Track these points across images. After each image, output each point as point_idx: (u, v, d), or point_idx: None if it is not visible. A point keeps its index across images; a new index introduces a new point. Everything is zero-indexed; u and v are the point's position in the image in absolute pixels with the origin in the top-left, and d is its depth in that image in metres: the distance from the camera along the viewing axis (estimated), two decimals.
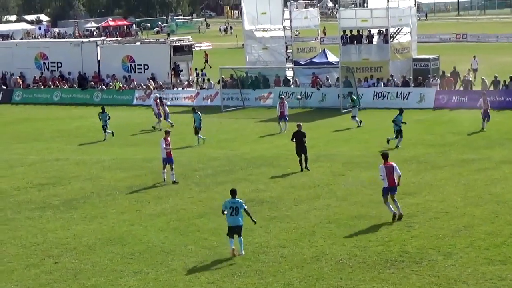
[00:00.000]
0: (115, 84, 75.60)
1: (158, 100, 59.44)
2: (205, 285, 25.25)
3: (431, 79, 64.90)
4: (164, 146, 39.76)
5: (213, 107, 67.22)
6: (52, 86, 78.74)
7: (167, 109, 59.84)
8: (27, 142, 54.06)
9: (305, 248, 28.49)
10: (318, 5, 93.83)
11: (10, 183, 41.41)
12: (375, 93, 64.34)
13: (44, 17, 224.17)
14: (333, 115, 60.66)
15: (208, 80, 73.39)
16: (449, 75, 65.74)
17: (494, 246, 27.58)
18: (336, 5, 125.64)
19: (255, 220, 28.52)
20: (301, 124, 40.84)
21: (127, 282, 25.79)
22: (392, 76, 65.59)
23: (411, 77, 66.42)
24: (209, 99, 69.87)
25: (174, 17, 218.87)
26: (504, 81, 62.07)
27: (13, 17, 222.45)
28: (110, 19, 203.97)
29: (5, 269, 27.57)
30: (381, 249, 27.81)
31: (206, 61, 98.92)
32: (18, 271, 27.25)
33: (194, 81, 77.24)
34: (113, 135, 53.50)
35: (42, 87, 79.24)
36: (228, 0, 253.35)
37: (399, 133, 46.73)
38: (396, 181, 30.91)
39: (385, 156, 31.32)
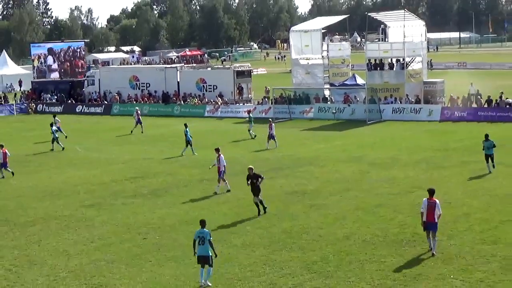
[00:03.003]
0: (191, 100, 75.97)
1: (138, 111, 62.53)
2: (259, 257, 25.25)
3: (438, 98, 64.51)
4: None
5: (266, 119, 67.03)
6: (142, 102, 79.32)
7: (141, 119, 61.58)
8: (122, 145, 54.44)
9: (338, 229, 28.41)
10: (349, 39, 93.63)
11: (109, 177, 41.73)
12: (394, 109, 64.00)
13: (136, 48, 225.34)
14: (361, 125, 60.38)
15: (264, 97, 73.39)
16: (452, 95, 65.23)
17: (487, 230, 27.36)
18: (363, 39, 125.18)
19: (216, 254, 23.19)
20: (252, 167, 32.41)
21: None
22: (407, 95, 65.21)
23: (422, 96, 66.04)
24: (264, 112, 69.86)
25: (237, 48, 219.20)
26: (496, 100, 61.57)
27: (112, 48, 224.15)
28: (187, 49, 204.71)
29: (105, 243, 27.80)
30: (398, 231, 27.66)
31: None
32: (115, 245, 27.46)
33: (253, 99, 77.42)
34: (62, 149, 52.37)
35: (134, 102, 79.85)
36: (279, 35, 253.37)
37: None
38: (435, 218, 24.94)
39: (431, 192, 25.33)
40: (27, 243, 28.49)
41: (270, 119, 53.24)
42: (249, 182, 31.97)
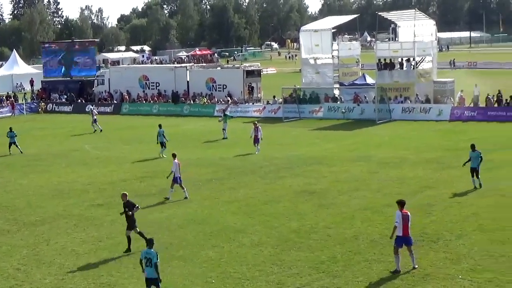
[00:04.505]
0: (202, 99, 76.02)
1: (95, 111, 65.18)
2: (268, 257, 25.24)
3: (447, 98, 64.38)
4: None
5: (276, 118, 67.26)
6: (151, 101, 79.41)
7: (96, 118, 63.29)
8: (132, 144, 54.52)
9: (347, 229, 28.37)
10: (360, 39, 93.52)
11: (119, 176, 41.83)
12: (403, 108, 63.89)
13: (146, 48, 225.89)
14: (370, 125, 60.32)
15: (274, 97, 73.37)
16: (461, 95, 65.06)
17: (497, 230, 27.26)
18: (374, 39, 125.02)
19: (161, 279, 21.22)
20: (126, 194, 27.70)
21: (206, 254, 25.89)
22: (417, 95, 65.06)
23: (432, 96, 65.91)
24: (273, 112, 69.87)
25: (247, 48, 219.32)
26: (506, 99, 61.45)
27: (122, 48, 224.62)
28: (197, 49, 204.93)
29: (113, 242, 27.86)
30: None
31: None
32: (123, 244, 27.32)
33: (263, 98, 77.44)
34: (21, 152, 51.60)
35: (144, 101, 79.98)
36: (289, 34, 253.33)
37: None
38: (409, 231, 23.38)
39: (402, 204, 23.68)
40: (36, 242, 28.55)
41: (256, 121, 51.71)
42: (124, 211, 27.14)
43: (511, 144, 46.27)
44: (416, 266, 23.36)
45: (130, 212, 26.73)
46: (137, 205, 27.21)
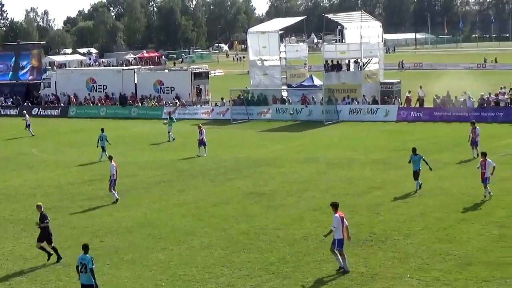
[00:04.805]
0: (149, 102, 75.69)
1: (27, 116, 64.08)
2: (218, 259, 25.22)
3: (394, 99, 64.97)
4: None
5: (224, 120, 67.28)
6: (99, 104, 78.86)
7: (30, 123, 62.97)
8: (79, 148, 54.02)
9: (296, 230, 28.47)
10: (307, 40, 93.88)
11: (67, 179, 41.44)
12: (351, 109, 64.32)
13: (93, 50, 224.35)
14: (318, 126, 60.63)
15: (222, 99, 73.35)
16: (409, 95, 65.77)
17: (443, 229, 27.58)
18: (321, 40, 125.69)
19: (97, 284, 20.77)
20: (41, 205, 26.20)
21: (156, 257, 25.78)
22: (364, 96, 65.55)
23: (379, 97, 66.50)
24: (221, 114, 69.83)
25: (195, 50, 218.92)
26: (452, 100, 62.14)
27: (69, 50, 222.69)
28: (145, 51, 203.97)
29: (62, 247, 27.46)
30: (355, 231, 27.69)
31: None
32: (71, 248, 27.19)
33: (211, 100, 77.42)
34: None
35: (91, 104, 79.39)
36: (237, 36, 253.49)
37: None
38: (347, 234, 23.35)
39: (336, 206, 23.46)
40: None
41: (200, 124, 51.12)
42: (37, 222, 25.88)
43: (456, 144, 46.82)
44: (350, 270, 23.27)
45: (42, 225, 25.55)
46: (48, 219, 25.86)
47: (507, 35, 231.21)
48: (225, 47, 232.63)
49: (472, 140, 42.26)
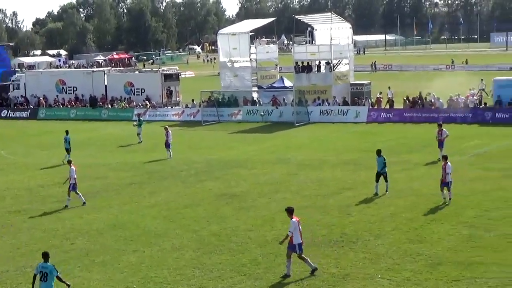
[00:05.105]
0: (120, 104, 75.43)
1: None
2: (189, 260, 25.17)
3: (364, 100, 65.26)
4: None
5: (195, 122, 67.23)
6: (69, 106, 78.46)
7: None
8: (50, 150, 53.67)
9: (267, 231, 28.50)
10: (277, 42, 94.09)
11: (36, 182, 41.17)
12: (321, 111, 64.47)
13: (63, 52, 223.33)
14: (289, 127, 60.72)
15: (192, 100, 73.26)
16: (379, 96, 66.13)
17: (413, 229, 27.73)
18: (291, 42, 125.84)
19: (69, 283, 20.53)
20: None
21: (127, 258, 25.69)
22: (334, 97, 65.80)
23: (349, 98, 66.78)
24: (192, 115, 69.76)
25: (165, 52, 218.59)
26: (420, 101, 62.50)
27: (38, 52, 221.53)
28: (115, 53, 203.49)
29: (32, 249, 27.36)
30: (326, 232, 27.87)
31: None
32: (42, 251, 26.87)
33: (181, 102, 77.34)
34: None
35: (61, 106, 78.96)
36: (207, 38, 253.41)
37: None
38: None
39: (291, 211, 23.22)
40: None
41: (167, 126, 49.97)
42: None
43: (426, 145, 47.07)
44: (315, 266, 23.25)
45: None
46: None
47: (476, 36, 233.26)
48: (198, 48, 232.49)
49: (439, 142, 42.55)
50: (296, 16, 77.25)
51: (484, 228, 27.52)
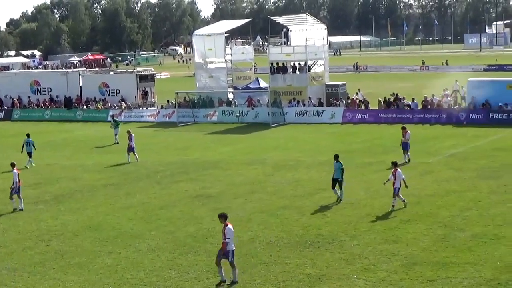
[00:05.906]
0: (95, 105, 75.15)
1: None
2: (165, 262, 25.11)
3: (340, 100, 65.46)
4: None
5: (171, 123, 67.10)
6: (43, 107, 78.05)
7: None
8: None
9: (243, 232, 28.45)
10: (252, 43, 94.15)
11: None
12: (297, 112, 64.57)
13: (37, 52, 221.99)
14: (264, 128, 60.77)
15: (168, 101, 73.16)
16: (353, 97, 66.40)
17: (389, 230, 27.83)
18: (266, 43, 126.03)
19: None
20: None
21: (103, 260, 25.57)
22: (310, 98, 65.95)
23: (324, 99, 66.97)
24: (167, 116, 69.63)
25: (140, 53, 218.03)
26: (395, 101, 62.78)
27: (12, 52, 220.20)
28: (90, 54, 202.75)
29: (6, 251, 27.19)
30: (302, 233, 27.89)
31: None
32: (16, 253, 26.90)
33: (156, 103, 77.21)
34: None
35: (35, 107, 78.54)
36: (182, 38, 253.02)
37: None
38: None
39: (225, 217, 22.82)
40: None
41: (130, 130, 48.62)
42: None
43: (399, 145, 47.27)
44: (237, 280, 22.82)
45: None
46: None
47: (450, 38, 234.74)
48: (180, 50, 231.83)
49: (403, 144, 42.74)
50: (271, 17, 77.27)
51: (459, 228, 27.70)
